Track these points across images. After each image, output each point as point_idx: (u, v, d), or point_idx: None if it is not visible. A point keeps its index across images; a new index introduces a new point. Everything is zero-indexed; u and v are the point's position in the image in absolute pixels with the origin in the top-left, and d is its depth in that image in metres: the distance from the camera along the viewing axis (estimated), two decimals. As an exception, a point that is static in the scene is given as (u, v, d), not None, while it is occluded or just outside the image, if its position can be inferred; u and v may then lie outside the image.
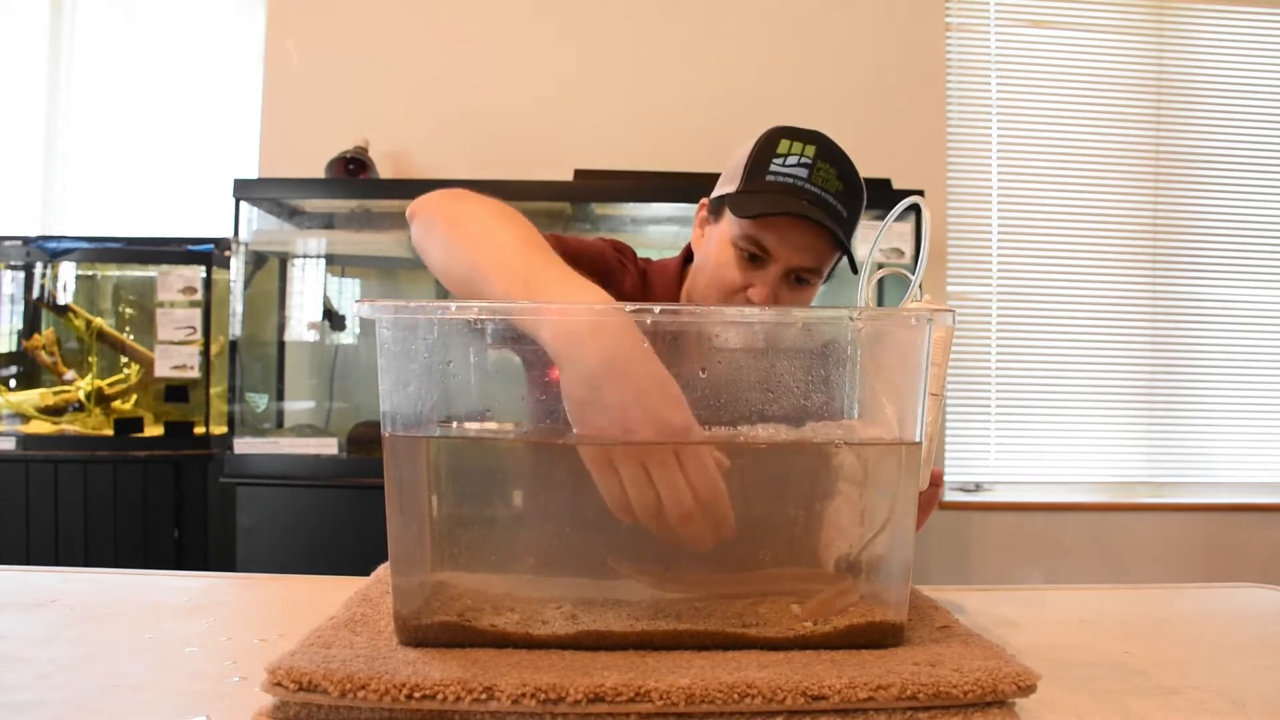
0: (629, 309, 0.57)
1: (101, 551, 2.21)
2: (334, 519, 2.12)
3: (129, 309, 2.52)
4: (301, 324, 2.42)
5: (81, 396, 2.38)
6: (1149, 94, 2.73)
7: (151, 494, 2.25)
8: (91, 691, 0.53)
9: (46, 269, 2.42)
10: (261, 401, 2.37)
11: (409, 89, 2.56)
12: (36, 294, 2.42)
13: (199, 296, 2.34)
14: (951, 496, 2.60)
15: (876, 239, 0.75)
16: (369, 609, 0.64)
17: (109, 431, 2.32)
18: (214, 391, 2.37)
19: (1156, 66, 2.73)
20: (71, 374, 2.41)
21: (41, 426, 2.34)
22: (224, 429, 2.29)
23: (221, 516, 2.27)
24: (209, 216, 2.63)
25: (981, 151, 2.69)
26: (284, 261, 2.39)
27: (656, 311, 0.56)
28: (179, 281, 2.34)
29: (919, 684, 0.50)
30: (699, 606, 0.58)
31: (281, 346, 2.44)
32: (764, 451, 0.60)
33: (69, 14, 2.79)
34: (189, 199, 2.72)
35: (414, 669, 0.50)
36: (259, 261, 2.34)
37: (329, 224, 2.45)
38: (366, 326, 2.38)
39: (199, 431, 2.34)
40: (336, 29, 2.57)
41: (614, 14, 2.60)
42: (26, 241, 2.38)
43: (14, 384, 2.42)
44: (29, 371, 2.44)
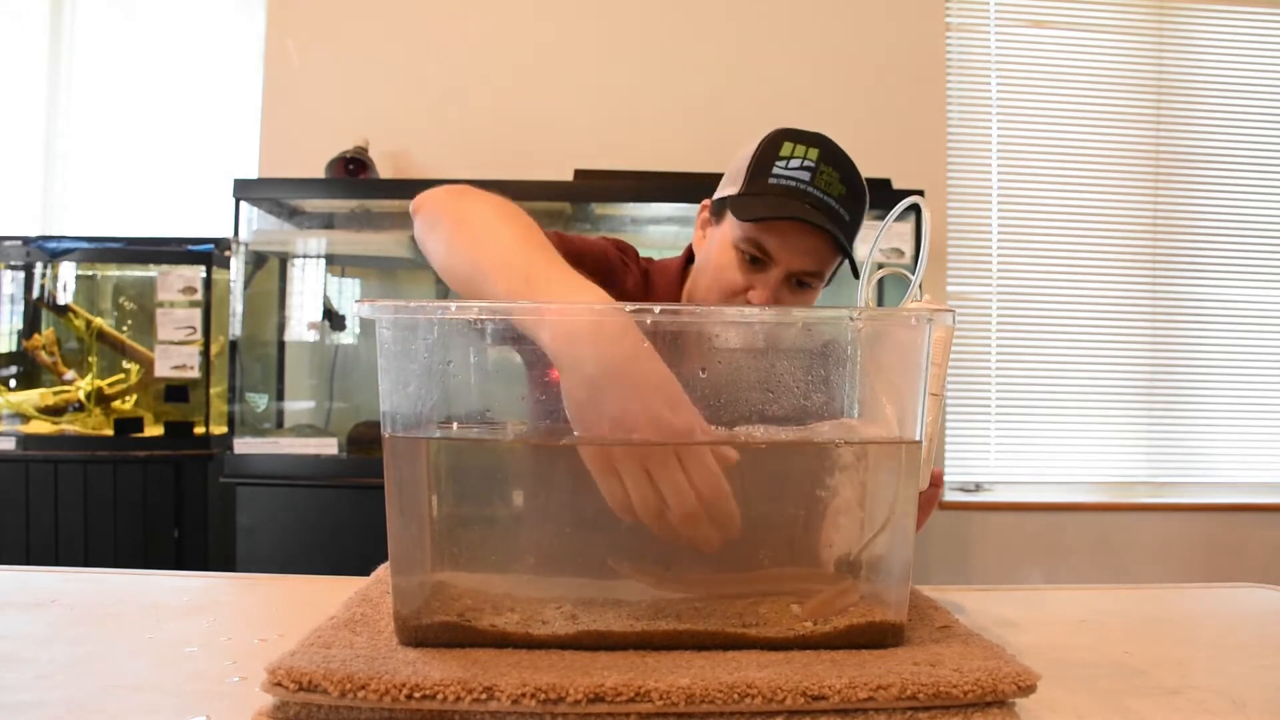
0: (628, 309, 0.57)
1: (101, 552, 2.21)
2: (334, 519, 2.12)
3: (129, 309, 2.52)
4: (301, 324, 2.42)
5: (81, 396, 2.38)
6: (1149, 94, 2.73)
7: (151, 494, 2.25)
8: (91, 691, 0.53)
9: (46, 269, 2.42)
10: (261, 401, 2.37)
11: (409, 89, 2.56)
12: (36, 294, 2.42)
13: (199, 296, 2.34)
14: (951, 496, 2.60)
15: (876, 239, 0.75)
16: (369, 609, 0.64)
17: (109, 431, 2.32)
18: (214, 391, 2.37)
19: (1156, 66, 2.73)
20: (71, 374, 2.41)
21: (41, 426, 2.34)
22: (224, 429, 2.29)
23: (221, 516, 2.27)
24: (209, 216, 2.63)
25: (981, 151, 2.69)
26: (284, 261, 2.39)
27: (656, 311, 0.56)
28: (179, 281, 2.34)
29: (919, 684, 0.50)
30: (699, 606, 0.58)
31: (281, 346, 2.44)
32: (764, 451, 0.60)
33: (69, 14, 2.78)
34: (189, 199, 2.72)
35: (414, 669, 0.50)
36: (259, 261, 2.34)
37: (329, 224, 2.45)
38: (366, 326, 2.38)
39: (199, 431, 2.34)
40: (336, 29, 2.57)
41: (614, 14, 2.60)
42: (26, 241, 2.38)
43: (14, 384, 2.42)
44: (29, 371, 2.44)
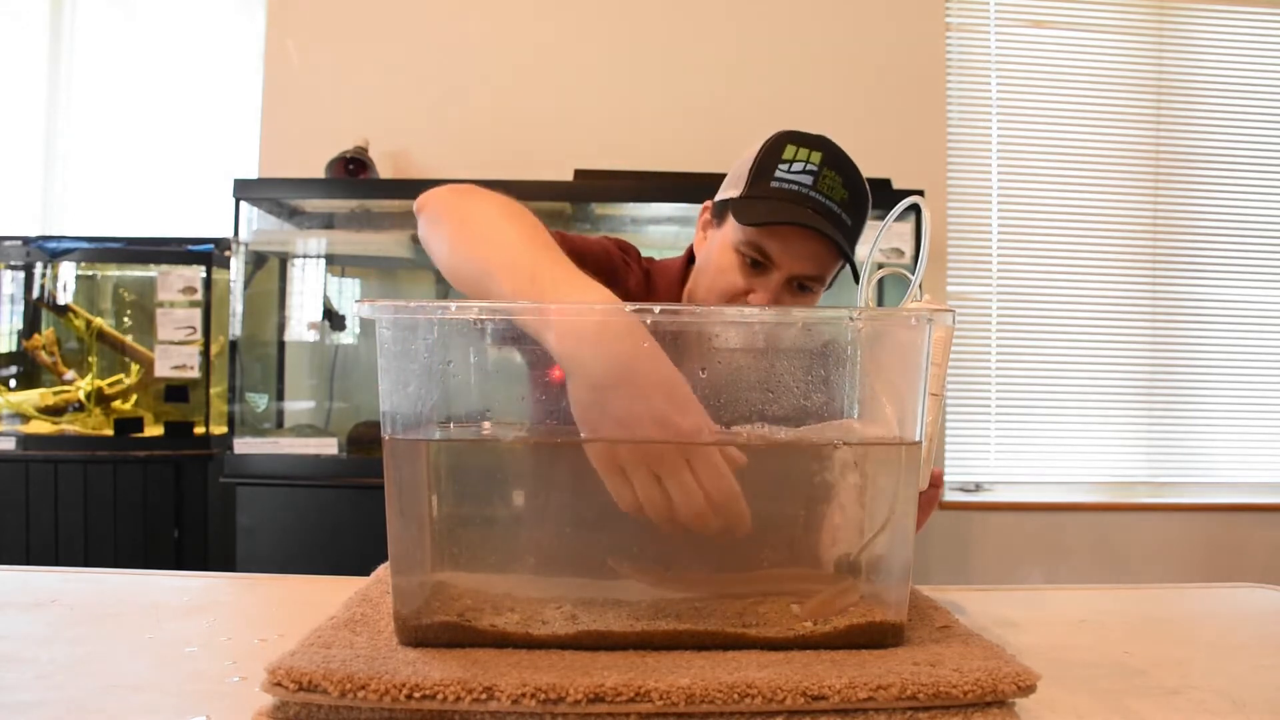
0: (628, 309, 0.56)
1: (101, 551, 2.21)
2: (334, 519, 2.12)
3: (129, 309, 2.52)
4: (301, 324, 2.42)
5: (81, 396, 2.38)
6: (1149, 94, 2.73)
7: (151, 494, 2.25)
8: (91, 691, 0.53)
9: (46, 269, 2.42)
10: (261, 401, 2.37)
11: (409, 89, 2.56)
12: (36, 294, 2.42)
13: (199, 296, 2.34)
14: (951, 496, 2.60)
15: (876, 239, 0.75)
16: (369, 609, 0.64)
17: (109, 431, 2.32)
18: (214, 391, 2.37)
19: (1156, 66, 2.73)
20: (71, 374, 2.41)
21: (41, 426, 2.34)
22: (224, 429, 2.29)
23: (221, 516, 2.27)
24: (209, 216, 2.62)
25: (981, 151, 2.69)
26: (284, 261, 2.39)
27: (656, 311, 0.56)
28: (179, 281, 2.34)
29: (919, 684, 0.50)
30: (699, 606, 0.58)
31: (281, 346, 2.44)
32: (764, 451, 0.60)
33: (69, 14, 2.78)
34: (189, 199, 2.72)
35: (414, 669, 0.50)
36: (259, 261, 2.34)
37: (329, 224, 2.45)
38: (366, 326, 2.38)
39: (199, 431, 2.34)
40: (336, 29, 2.57)
41: (614, 14, 2.60)
42: (26, 241, 2.38)
43: (14, 384, 2.42)
44: (29, 371, 2.44)
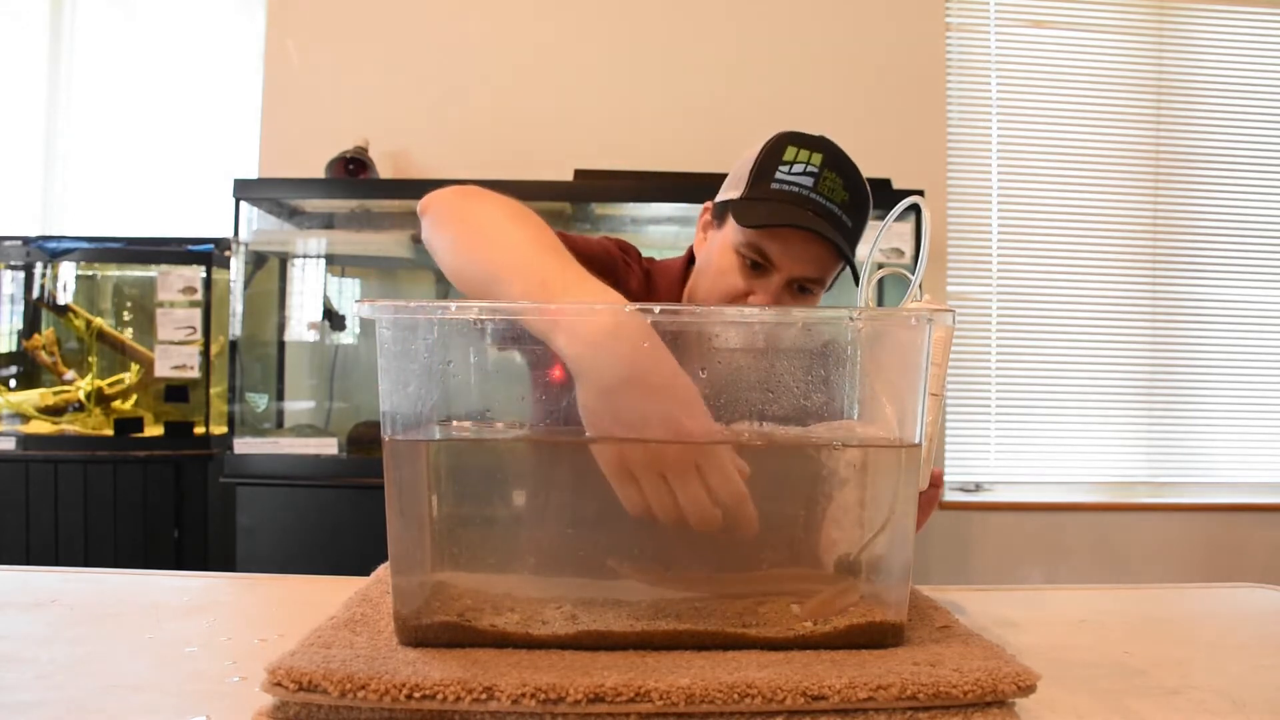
0: (628, 309, 0.56)
1: (101, 551, 2.21)
2: (334, 519, 2.12)
3: (129, 309, 2.52)
4: (301, 324, 2.42)
5: (81, 396, 2.38)
6: (1149, 94, 2.73)
7: (151, 494, 2.25)
8: (91, 691, 0.53)
9: (46, 269, 2.42)
10: (261, 401, 2.37)
11: (409, 89, 2.56)
12: (36, 294, 2.42)
13: (199, 296, 2.34)
14: (951, 496, 2.60)
15: (876, 239, 0.75)
16: (369, 609, 0.64)
17: (109, 431, 2.32)
18: (214, 391, 2.37)
19: (1156, 66, 2.73)
20: (71, 374, 2.41)
21: (41, 426, 2.34)
22: (224, 429, 2.29)
23: (221, 516, 2.27)
24: (209, 216, 2.62)
25: (981, 151, 2.69)
26: (284, 261, 2.39)
27: (656, 311, 0.56)
28: (179, 281, 2.34)
29: (919, 684, 0.50)
30: (699, 606, 0.58)
31: (281, 346, 2.43)
32: (764, 451, 0.60)
33: (69, 14, 2.78)
34: (189, 199, 2.72)
35: (414, 669, 0.50)
36: (259, 261, 2.34)
37: (329, 224, 2.45)
38: (366, 326, 2.38)
39: (199, 431, 2.34)
40: (336, 29, 2.57)
41: (614, 14, 2.60)
42: (26, 241, 2.38)
43: (14, 384, 2.42)
44: (29, 371, 2.44)
